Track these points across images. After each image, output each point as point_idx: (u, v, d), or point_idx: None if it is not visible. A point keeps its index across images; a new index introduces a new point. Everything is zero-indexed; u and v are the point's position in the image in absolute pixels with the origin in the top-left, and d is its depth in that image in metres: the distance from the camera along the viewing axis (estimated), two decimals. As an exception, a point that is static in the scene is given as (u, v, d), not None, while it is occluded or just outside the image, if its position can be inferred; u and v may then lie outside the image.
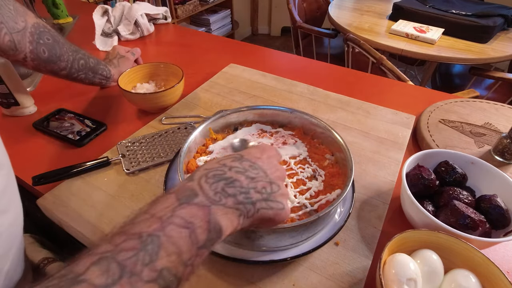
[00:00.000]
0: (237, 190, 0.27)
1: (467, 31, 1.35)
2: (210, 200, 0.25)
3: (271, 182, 0.31)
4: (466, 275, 0.36)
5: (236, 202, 0.27)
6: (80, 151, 0.61)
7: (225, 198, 0.26)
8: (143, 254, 0.20)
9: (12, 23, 0.50)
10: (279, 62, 0.95)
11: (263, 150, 0.34)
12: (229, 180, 0.28)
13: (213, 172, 0.28)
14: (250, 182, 0.29)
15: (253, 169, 0.31)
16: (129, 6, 1.02)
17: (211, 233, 0.24)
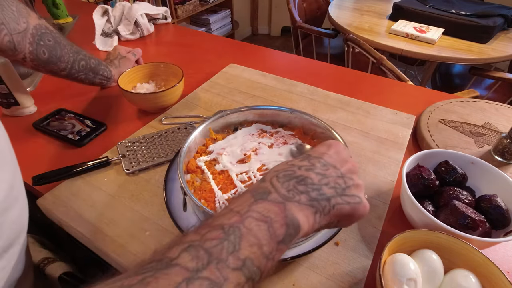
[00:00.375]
0: (309, 187, 0.27)
1: (467, 31, 1.35)
2: (283, 197, 0.26)
3: (343, 176, 0.30)
4: (466, 275, 0.36)
5: (309, 199, 0.27)
6: (80, 151, 0.61)
7: (298, 195, 0.26)
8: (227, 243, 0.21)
9: (14, 24, 0.50)
10: (279, 62, 0.95)
11: (329, 146, 0.34)
12: (300, 178, 0.28)
13: (283, 173, 0.28)
14: (321, 179, 0.29)
15: (323, 165, 0.30)
16: (129, 6, 1.02)
17: (289, 228, 0.24)
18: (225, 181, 0.47)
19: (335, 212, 0.28)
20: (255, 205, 0.24)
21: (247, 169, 0.48)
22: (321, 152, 0.32)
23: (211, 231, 0.22)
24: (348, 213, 0.29)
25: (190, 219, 0.44)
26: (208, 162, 0.50)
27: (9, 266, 0.36)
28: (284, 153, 0.51)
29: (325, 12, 1.95)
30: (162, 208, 0.48)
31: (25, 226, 0.40)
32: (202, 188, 0.46)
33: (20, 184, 0.39)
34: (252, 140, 0.53)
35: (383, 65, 1.13)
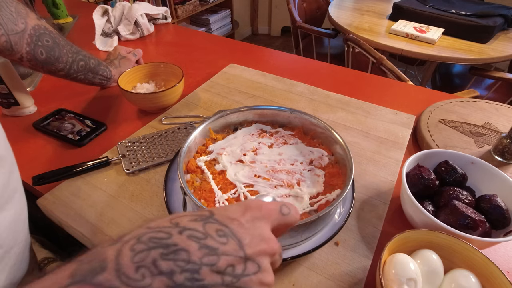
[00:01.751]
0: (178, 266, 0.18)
1: (467, 31, 1.35)
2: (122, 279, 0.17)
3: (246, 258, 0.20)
4: (466, 275, 0.36)
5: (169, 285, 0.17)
6: (80, 151, 0.61)
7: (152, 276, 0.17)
8: None
9: (12, 24, 0.50)
10: (279, 62, 0.95)
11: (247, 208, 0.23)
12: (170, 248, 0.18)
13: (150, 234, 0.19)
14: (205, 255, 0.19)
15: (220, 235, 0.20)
16: (129, 6, 1.02)
17: None
18: (225, 181, 0.47)
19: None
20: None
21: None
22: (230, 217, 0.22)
23: None
24: None
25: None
26: (208, 162, 0.50)
27: (12, 266, 0.36)
28: (284, 153, 0.51)
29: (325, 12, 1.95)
30: (162, 208, 0.48)
31: (25, 226, 0.40)
32: (202, 188, 0.46)
33: (17, 183, 0.39)
34: (252, 140, 0.53)
35: (383, 65, 1.13)
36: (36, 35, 0.55)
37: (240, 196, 0.45)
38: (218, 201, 0.44)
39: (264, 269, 0.21)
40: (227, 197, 0.45)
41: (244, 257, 0.20)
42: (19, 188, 0.39)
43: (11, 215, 0.36)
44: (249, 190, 0.46)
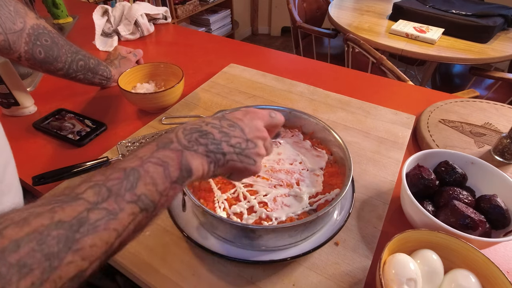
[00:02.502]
0: (209, 141, 0.31)
1: (467, 31, 1.35)
2: (183, 146, 0.30)
3: (247, 139, 0.34)
4: (466, 275, 0.36)
5: (206, 150, 0.31)
6: (80, 151, 0.61)
7: (197, 145, 0.30)
8: (126, 182, 0.25)
9: (10, 24, 0.51)
10: (279, 62, 0.95)
11: (246, 112, 0.36)
12: (203, 132, 0.32)
13: (190, 126, 0.32)
14: (223, 136, 0.32)
15: (230, 126, 0.33)
16: (129, 6, 1.02)
17: (182, 171, 0.29)
18: (224, 180, 0.47)
19: (228, 166, 0.33)
20: (156, 152, 0.28)
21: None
22: (236, 117, 0.35)
23: (114, 172, 0.26)
24: (239, 170, 0.34)
25: (189, 218, 0.44)
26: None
27: None
28: (283, 153, 0.51)
29: (325, 12, 1.95)
30: (162, 208, 0.48)
31: None
32: (201, 188, 0.46)
33: (12, 179, 0.39)
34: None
35: (383, 65, 1.13)
36: (34, 34, 0.55)
37: (240, 195, 0.45)
38: (218, 200, 0.44)
39: (259, 147, 0.34)
40: (226, 197, 0.45)
41: (246, 139, 0.34)
42: (15, 184, 0.39)
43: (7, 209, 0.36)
44: (248, 190, 0.46)
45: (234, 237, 0.40)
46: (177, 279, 0.40)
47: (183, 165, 0.29)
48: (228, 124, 0.34)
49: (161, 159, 0.28)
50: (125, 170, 0.26)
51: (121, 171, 0.26)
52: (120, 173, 0.26)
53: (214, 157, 0.31)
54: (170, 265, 0.42)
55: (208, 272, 0.41)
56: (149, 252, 0.43)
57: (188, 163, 0.29)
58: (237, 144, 0.33)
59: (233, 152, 0.32)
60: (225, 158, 0.32)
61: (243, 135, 0.34)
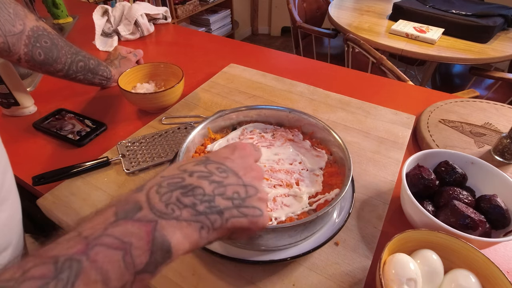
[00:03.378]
0: (198, 199, 0.23)
1: (467, 31, 1.35)
2: (157, 214, 0.22)
3: (245, 185, 0.27)
4: (466, 275, 0.36)
5: (194, 214, 0.23)
6: (80, 151, 0.61)
7: (180, 210, 0.22)
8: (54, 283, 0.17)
9: (9, 26, 0.51)
10: (279, 62, 0.95)
11: (234, 148, 0.30)
12: (188, 187, 0.24)
13: (168, 181, 0.24)
14: (216, 188, 0.25)
15: (221, 171, 0.26)
16: (129, 6, 1.02)
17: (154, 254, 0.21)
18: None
19: (228, 226, 0.25)
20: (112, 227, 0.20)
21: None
22: (223, 156, 0.28)
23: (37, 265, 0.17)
24: (244, 227, 0.26)
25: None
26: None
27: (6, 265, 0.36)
28: (282, 153, 0.51)
29: (325, 12, 1.95)
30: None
31: (18, 229, 0.39)
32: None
33: (11, 186, 0.38)
34: (250, 139, 0.53)
35: (383, 65, 1.13)
36: (34, 36, 0.55)
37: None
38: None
39: (260, 190, 0.28)
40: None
41: (243, 184, 0.27)
42: (13, 190, 0.39)
43: (5, 217, 0.36)
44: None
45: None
46: (177, 279, 0.40)
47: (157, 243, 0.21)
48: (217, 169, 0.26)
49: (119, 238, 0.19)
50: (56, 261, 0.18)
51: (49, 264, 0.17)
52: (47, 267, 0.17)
53: (207, 220, 0.23)
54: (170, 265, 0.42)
55: (208, 272, 0.41)
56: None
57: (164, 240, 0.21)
58: (234, 195, 0.26)
59: (232, 207, 0.25)
60: (222, 217, 0.24)
61: (239, 180, 0.27)
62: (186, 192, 0.23)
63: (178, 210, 0.22)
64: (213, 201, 0.24)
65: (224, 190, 0.25)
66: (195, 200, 0.23)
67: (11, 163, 0.41)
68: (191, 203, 0.23)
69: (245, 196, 0.26)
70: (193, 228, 0.23)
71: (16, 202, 0.40)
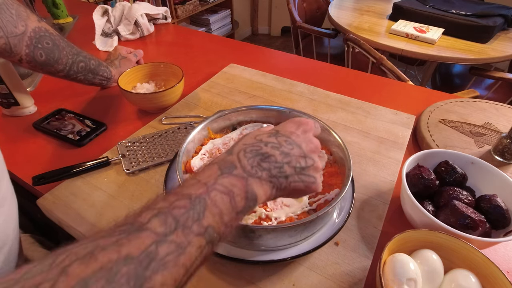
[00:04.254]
0: (272, 165, 0.30)
1: (467, 31, 1.35)
2: (247, 173, 0.28)
3: (305, 156, 0.33)
4: (466, 275, 0.36)
5: (270, 176, 0.30)
6: (80, 151, 0.61)
7: (261, 171, 0.29)
8: (193, 212, 0.24)
9: (11, 27, 0.51)
10: (279, 62, 0.95)
11: (299, 124, 0.35)
12: (265, 155, 0.30)
13: (250, 147, 0.31)
14: (284, 157, 0.31)
15: (288, 144, 0.32)
16: (129, 6, 1.02)
17: (248, 200, 0.28)
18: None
19: (290, 188, 0.31)
20: (221, 179, 0.27)
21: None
22: (290, 131, 0.34)
23: (179, 199, 0.25)
24: (301, 189, 0.33)
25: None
26: (208, 162, 0.50)
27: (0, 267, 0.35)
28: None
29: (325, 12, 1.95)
30: (162, 208, 0.48)
31: (13, 232, 0.39)
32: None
33: (7, 191, 0.38)
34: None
35: (383, 65, 1.13)
36: (36, 37, 0.55)
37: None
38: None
39: (315, 161, 0.33)
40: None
41: (304, 155, 0.33)
42: (9, 196, 0.39)
43: (0, 222, 0.36)
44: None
45: (234, 236, 0.40)
46: (177, 279, 0.40)
47: (249, 194, 0.28)
48: (285, 141, 0.32)
49: (227, 187, 0.27)
50: (190, 197, 0.25)
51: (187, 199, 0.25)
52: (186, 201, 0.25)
53: (277, 182, 0.30)
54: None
55: (208, 272, 0.41)
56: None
57: (253, 192, 0.28)
58: (297, 164, 0.32)
59: (295, 173, 0.31)
60: (287, 181, 0.31)
61: (302, 152, 0.33)
62: (264, 158, 0.30)
63: (260, 171, 0.29)
64: (282, 167, 0.31)
65: (290, 160, 0.31)
66: (270, 166, 0.30)
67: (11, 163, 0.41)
68: (267, 167, 0.30)
69: (305, 166, 0.32)
70: (268, 186, 0.30)
71: (13, 207, 0.40)
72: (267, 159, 0.30)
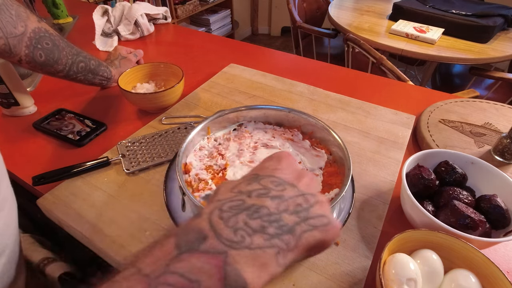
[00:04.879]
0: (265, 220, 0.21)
1: (467, 31, 1.35)
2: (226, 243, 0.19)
3: (304, 194, 0.24)
4: (466, 275, 0.36)
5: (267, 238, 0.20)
6: (80, 151, 0.61)
7: (250, 236, 0.19)
8: None
9: (11, 28, 0.51)
10: (279, 62, 0.95)
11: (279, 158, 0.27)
12: (252, 209, 0.21)
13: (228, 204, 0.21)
14: (279, 204, 0.22)
15: (277, 185, 0.24)
16: (129, 6, 1.02)
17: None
18: (223, 180, 0.47)
19: (302, 243, 0.21)
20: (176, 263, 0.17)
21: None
22: (272, 169, 0.26)
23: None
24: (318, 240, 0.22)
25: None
26: (208, 162, 0.50)
27: (1, 272, 0.35)
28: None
29: (325, 12, 1.95)
30: (162, 208, 0.48)
31: (13, 235, 0.39)
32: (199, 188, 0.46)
33: (6, 194, 0.38)
34: (250, 139, 0.53)
35: (383, 65, 1.13)
36: (35, 38, 0.55)
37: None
38: (218, 201, 0.44)
39: (317, 195, 0.25)
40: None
41: (302, 194, 0.24)
42: (9, 198, 0.39)
43: (0, 226, 0.36)
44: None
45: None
46: (177, 279, 0.40)
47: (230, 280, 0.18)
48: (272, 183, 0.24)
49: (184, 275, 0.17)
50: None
51: None
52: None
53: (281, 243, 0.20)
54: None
55: (208, 272, 0.41)
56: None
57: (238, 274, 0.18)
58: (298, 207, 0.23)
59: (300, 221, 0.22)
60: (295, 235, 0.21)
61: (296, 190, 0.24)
62: (251, 214, 0.21)
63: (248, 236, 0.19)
64: (281, 219, 0.21)
65: (287, 205, 0.22)
66: (263, 222, 0.20)
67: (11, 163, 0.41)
68: (259, 226, 0.20)
69: (308, 206, 0.23)
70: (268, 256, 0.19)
71: (13, 210, 0.39)
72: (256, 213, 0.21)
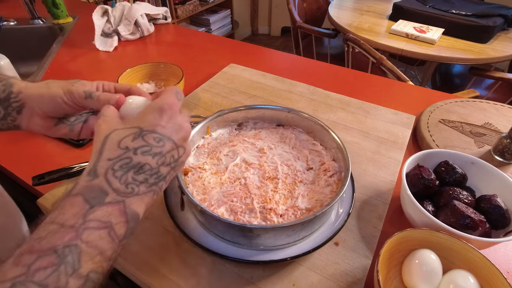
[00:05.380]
0: (148, 174, 0.27)
1: (467, 31, 1.35)
2: (122, 195, 0.25)
3: (178, 146, 0.30)
4: (465, 275, 0.36)
5: (148, 186, 0.27)
6: (80, 151, 0.61)
7: (137, 186, 0.26)
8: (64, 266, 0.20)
9: None
10: (279, 62, 0.95)
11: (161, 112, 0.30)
12: (138, 166, 0.27)
13: (119, 163, 0.26)
14: (158, 159, 0.28)
15: (158, 141, 0.28)
16: (129, 6, 1.02)
17: (129, 223, 0.25)
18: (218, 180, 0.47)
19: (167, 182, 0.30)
20: (92, 214, 0.23)
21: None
22: (154, 124, 0.29)
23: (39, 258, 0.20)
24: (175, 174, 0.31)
25: (189, 218, 0.44)
26: (208, 162, 0.50)
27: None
28: (280, 153, 0.51)
29: (325, 12, 1.95)
30: (162, 208, 0.48)
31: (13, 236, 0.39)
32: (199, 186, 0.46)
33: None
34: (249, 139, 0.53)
35: (383, 65, 1.13)
36: None
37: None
38: (218, 201, 0.44)
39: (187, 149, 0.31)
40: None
41: (176, 147, 0.30)
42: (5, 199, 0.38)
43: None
44: (249, 190, 0.46)
45: (232, 236, 0.40)
46: (177, 279, 0.40)
47: (130, 216, 0.25)
48: (154, 139, 0.28)
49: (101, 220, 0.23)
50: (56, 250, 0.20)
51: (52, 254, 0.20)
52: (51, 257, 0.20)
53: (157, 187, 0.28)
54: (170, 265, 0.42)
55: (208, 272, 0.41)
56: (149, 252, 0.43)
57: (134, 212, 0.25)
58: (171, 159, 0.29)
59: (171, 169, 0.29)
60: (166, 180, 0.29)
61: (173, 144, 0.29)
62: (137, 171, 0.26)
63: (136, 187, 0.26)
64: (159, 171, 0.28)
65: (164, 159, 0.28)
66: (146, 176, 0.27)
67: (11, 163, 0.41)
68: (143, 179, 0.27)
69: (178, 157, 0.30)
70: (149, 196, 0.27)
71: (9, 211, 0.39)
72: (141, 170, 0.27)
